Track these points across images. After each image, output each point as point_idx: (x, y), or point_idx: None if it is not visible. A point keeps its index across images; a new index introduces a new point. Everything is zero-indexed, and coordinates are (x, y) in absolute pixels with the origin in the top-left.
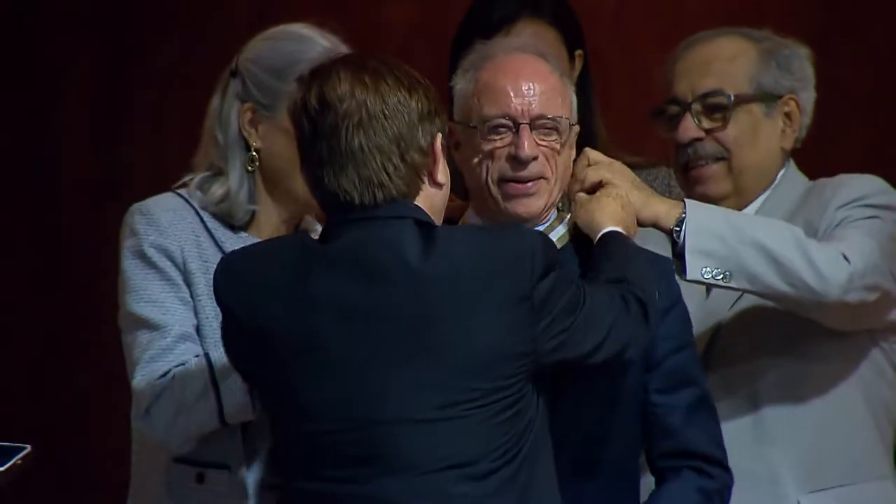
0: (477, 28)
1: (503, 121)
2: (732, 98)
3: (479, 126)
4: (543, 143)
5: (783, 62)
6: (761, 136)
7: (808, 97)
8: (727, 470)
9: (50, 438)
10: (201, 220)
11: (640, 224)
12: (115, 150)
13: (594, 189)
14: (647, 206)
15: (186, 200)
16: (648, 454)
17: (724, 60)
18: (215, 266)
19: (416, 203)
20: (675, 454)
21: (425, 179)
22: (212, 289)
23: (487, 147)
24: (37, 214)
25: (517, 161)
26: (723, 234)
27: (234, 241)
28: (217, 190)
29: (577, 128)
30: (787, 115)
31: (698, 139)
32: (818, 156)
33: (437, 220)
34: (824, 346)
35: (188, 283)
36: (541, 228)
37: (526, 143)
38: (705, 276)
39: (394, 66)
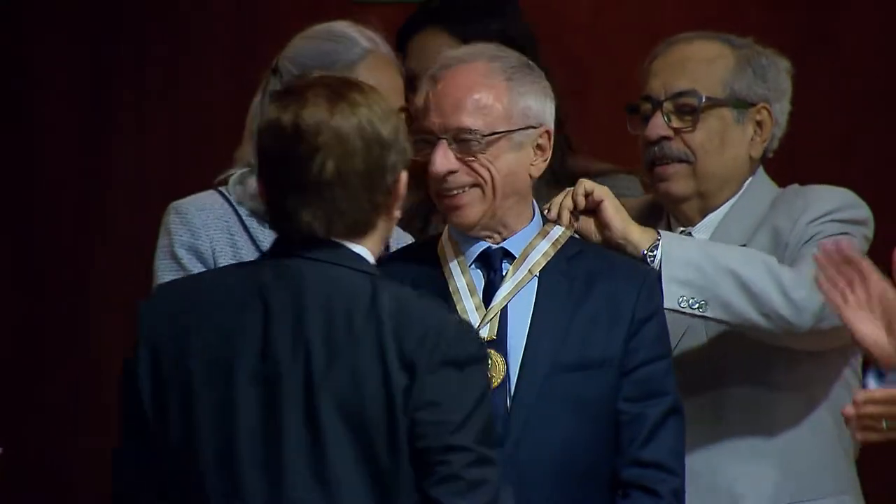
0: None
1: (424, 136)
2: (703, 100)
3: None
4: (467, 155)
5: (759, 71)
6: (729, 142)
7: (782, 109)
8: (678, 475)
9: (26, 439)
10: (238, 216)
11: (610, 241)
12: (99, 151)
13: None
14: (620, 225)
15: (225, 198)
16: None
17: (700, 62)
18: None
19: (365, 243)
20: (631, 463)
21: (382, 216)
22: None
23: (422, 162)
24: (19, 213)
25: (433, 176)
26: (699, 264)
27: (271, 238)
28: (253, 184)
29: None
30: (759, 124)
31: (666, 138)
32: (791, 158)
33: (376, 250)
34: (792, 360)
35: None
36: (513, 239)
37: (437, 160)
38: (681, 306)
39: (371, 96)
